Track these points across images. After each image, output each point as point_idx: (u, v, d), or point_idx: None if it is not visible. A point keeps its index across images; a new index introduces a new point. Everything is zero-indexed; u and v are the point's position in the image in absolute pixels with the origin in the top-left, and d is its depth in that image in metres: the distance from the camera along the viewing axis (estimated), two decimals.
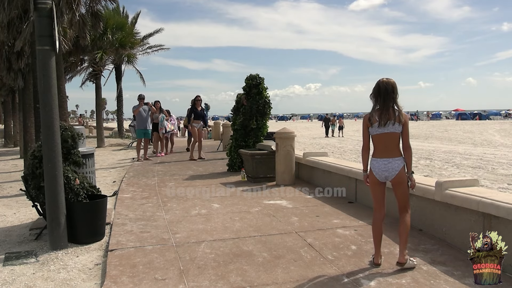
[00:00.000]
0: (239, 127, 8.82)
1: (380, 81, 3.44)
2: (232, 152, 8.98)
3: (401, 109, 3.42)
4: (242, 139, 8.78)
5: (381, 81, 3.43)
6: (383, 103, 3.39)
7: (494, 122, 49.78)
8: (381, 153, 3.43)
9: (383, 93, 3.39)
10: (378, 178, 3.46)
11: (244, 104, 8.84)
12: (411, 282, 3.22)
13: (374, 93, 3.44)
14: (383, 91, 3.39)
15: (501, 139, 23.84)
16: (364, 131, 3.52)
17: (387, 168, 3.41)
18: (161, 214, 5.41)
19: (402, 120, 3.39)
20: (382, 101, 3.39)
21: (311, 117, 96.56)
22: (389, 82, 3.41)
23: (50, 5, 4.16)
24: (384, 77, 3.47)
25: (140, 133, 11.79)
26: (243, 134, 8.78)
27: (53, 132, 4.21)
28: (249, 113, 8.68)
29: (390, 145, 3.41)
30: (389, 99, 3.38)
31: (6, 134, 24.22)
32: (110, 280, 3.35)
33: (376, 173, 3.45)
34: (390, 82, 3.41)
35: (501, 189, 8.67)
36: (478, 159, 14.22)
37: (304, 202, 5.98)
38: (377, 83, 3.44)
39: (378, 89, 3.41)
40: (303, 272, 3.45)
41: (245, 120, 8.74)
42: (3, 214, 5.88)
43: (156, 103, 12.84)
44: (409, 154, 3.46)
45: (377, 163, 3.44)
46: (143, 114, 11.63)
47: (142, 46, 26.28)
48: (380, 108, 3.40)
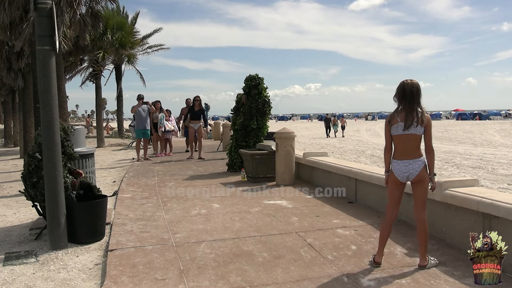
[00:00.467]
0: (240, 127, 8.78)
1: (404, 82, 3.43)
2: (232, 152, 8.95)
3: (424, 111, 3.42)
4: (243, 139, 8.75)
5: (406, 83, 3.42)
6: (408, 104, 3.37)
7: (494, 122, 49.79)
8: (402, 155, 3.43)
9: (408, 95, 3.37)
10: (400, 179, 3.47)
11: (244, 103, 8.81)
12: (411, 282, 3.22)
13: (399, 95, 3.43)
14: (408, 93, 3.38)
15: (501, 139, 23.84)
16: (386, 132, 3.50)
17: (408, 169, 3.41)
18: (161, 214, 5.41)
19: (425, 121, 3.37)
20: (407, 103, 3.37)
21: (311, 117, 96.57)
22: (414, 84, 3.40)
23: (50, 5, 4.16)
24: (408, 79, 3.47)
25: (139, 133, 11.72)
26: (244, 134, 8.75)
27: (53, 132, 4.21)
28: (249, 113, 8.65)
29: (411, 147, 3.40)
30: (414, 101, 3.37)
31: (6, 134, 24.22)
32: (110, 280, 3.35)
33: (397, 174, 3.46)
34: (414, 84, 3.40)
35: (501, 189, 8.68)
36: (478, 159, 14.22)
37: (304, 202, 5.98)
38: (402, 85, 3.43)
39: (403, 90, 3.40)
40: (303, 272, 3.45)
41: (246, 120, 8.71)
42: (3, 214, 5.88)
43: (156, 103, 12.76)
44: (431, 156, 3.45)
45: (398, 165, 3.44)
46: (142, 114, 11.54)
47: (142, 46, 26.31)
48: (404, 109, 3.38)
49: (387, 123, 3.47)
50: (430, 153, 3.44)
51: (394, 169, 3.47)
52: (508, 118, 61.44)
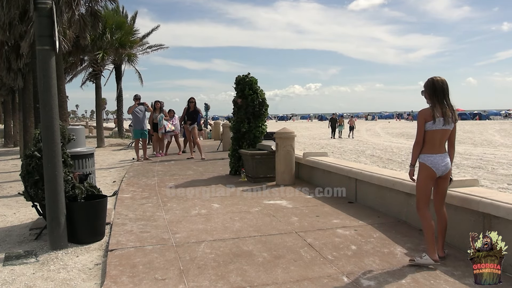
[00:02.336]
0: (234, 130, 8.64)
1: (435, 79, 3.50)
2: (230, 157, 8.79)
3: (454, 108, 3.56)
4: (236, 142, 8.55)
5: (436, 80, 3.50)
6: (444, 100, 3.48)
7: (494, 122, 49.79)
8: (438, 149, 3.54)
9: (444, 91, 3.48)
10: (438, 172, 3.54)
11: (239, 103, 8.55)
12: (411, 282, 3.22)
13: (431, 91, 3.50)
14: (443, 89, 3.48)
15: (501, 139, 23.84)
16: (421, 126, 3.54)
17: (445, 162, 3.55)
18: (161, 214, 5.41)
19: (457, 118, 3.58)
20: (444, 98, 3.48)
21: (311, 117, 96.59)
22: (444, 81, 3.51)
23: (50, 5, 4.16)
24: (436, 76, 3.55)
25: (137, 134, 11.61)
26: (237, 137, 8.54)
27: (53, 132, 4.21)
28: (242, 116, 8.40)
29: (444, 141, 3.57)
30: (449, 97, 3.51)
31: (6, 134, 24.22)
32: (110, 280, 3.35)
33: (436, 168, 3.52)
34: (445, 81, 3.51)
35: (501, 189, 8.68)
36: (478, 159, 14.22)
37: (304, 202, 5.98)
38: (433, 82, 3.50)
39: (434, 87, 3.48)
40: (303, 272, 3.45)
41: (237, 123, 8.51)
42: (3, 214, 5.88)
43: (156, 103, 12.61)
44: (453, 151, 3.69)
45: (436, 159, 3.52)
46: (138, 115, 11.40)
47: (141, 46, 26.31)
48: (442, 105, 3.46)
49: (429, 117, 3.47)
50: (453, 148, 3.68)
51: (432, 163, 3.52)
52: (508, 118, 61.44)
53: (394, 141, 24.37)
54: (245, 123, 8.41)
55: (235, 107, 8.68)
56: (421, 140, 3.57)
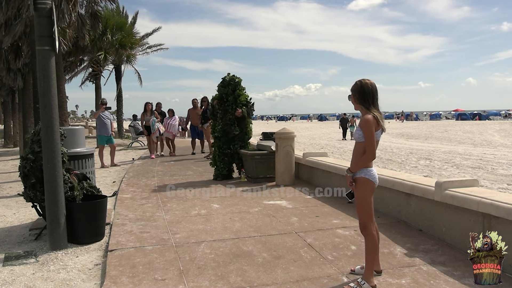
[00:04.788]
0: (221, 134, 8.09)
1: (363, 82, 3.14)
2: (217, 162, 8.14)
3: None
4: (227, 146, 8.07)
5: (365, 82, 3.14)
6: (377, 105, 3.14)
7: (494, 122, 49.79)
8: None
9: (376, 94, 3.14)
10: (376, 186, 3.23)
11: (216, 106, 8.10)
12: (411, 282, 3.22)
13: (365, 94, 3.12)
14: (375, 92, 3.14)
15: (501, 140, 23.84)
16: (374, 135, 3.07)
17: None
18: (161, 214, 5.41)
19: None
20: (376, 104, 3.13)
21: (311, 117, 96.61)
22: (374, 84, 3.17)
23: (50, 5, 4.16)
24: (364, 78, 3.19)
25: (102, 140, 11.05)
26: (227, 140, 8.07)
27: (53, 132, 4.21)
28: (232, 118, 7.98)
29: None
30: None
31: (6, 134, 24.23)
32: (110, 280, 3.35)
33: (376, 182, 3.19)
34: (374, 84, 3.17)
35: (501, 189, 8.67)
36: (478, 159, 14.22)
37: (304, 202, 5.98)
38: (363, 84, 3.13)
39: (369, 89, 3.11)
40: (303, 272, 3.45)
41: (226, 126, 8.02)
42: (3, 214, 5.88)
43: (147, 105, 12.14)
44: None
45: (375, 172, 3.20)
46: (104, 120, 10.91)
47: (141, 46, 26.35)
48: (378, 112, 3.11)
49: (373, 127, 3.05)
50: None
51: (374, 177, 3.16)
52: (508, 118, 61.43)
53: (394, 141, 24.38)
54: (235, 125, 8.01)
55: (219, 109, 8.11)
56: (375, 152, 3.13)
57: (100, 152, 11.00)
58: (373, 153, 3.08)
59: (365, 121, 3.05)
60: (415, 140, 25.30)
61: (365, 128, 3.04)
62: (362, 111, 3.13)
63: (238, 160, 8.20)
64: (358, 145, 3.15)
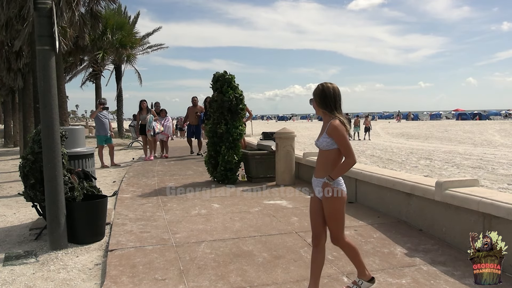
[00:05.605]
0: (210, 134, 7.75)
1: (325, 85, 2.92)
2: (207, 164, 7.92)
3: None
4: (213, 148, 7.67)
5: (327, 86, 2.92)
6: (340, 109, 2.92)
7: (494, 122, 49.78)
8: None
9: (338, 98, 2.92)
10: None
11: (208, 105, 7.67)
12: (411, 282, 3.22)
13: (327, 98, 2.89)
14: (337, 96, 2.91)
15: (501, 139, 23.83)
16: (348, 139, 2.87)
17: None
18: (161, 214, 5.41)
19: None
20: (340, 107, 2.92)
21: (311, 117, 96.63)
22: (337, 88, 2.95)
23: (50, 5, 4.16)
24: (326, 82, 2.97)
25: (101, 140, 10.95)
26: (214, 142, 7.65)
27: (53, 132, 4.21)
28: (219, 116, 7.57)
29: None
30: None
31: (6, 134, 24.22)
32: (110, 280, 3.35)
33: (345, 191, 3.01)
34: (337, 88, 2.95)
35: (501, 189, 8.67)
36: (478, 159, 14.22)
37: (304, 202, 5.98)
38: (325, 88, 2.90)
39: (331, 93, 2.89)
40: (303, 272, 3.45)
41: (213, 125, 7.68)
42: (3, 214, 5.88)
43: (142, 103, 11.60)
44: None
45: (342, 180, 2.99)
46: (102, 120, 10.82)
47: (142, 46, 26.36)
48: (341, 115, 2.91)
49: (345, 132, 2.86)
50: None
51: (345, 187, 3.00)
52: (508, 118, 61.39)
53: (394, 141, 24.38)
54: (222, 124, 7.57)
55: (211, 108, 7.85)
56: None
57: (100, 152, 10.98)
58: (354, 157, 2.86)
59: (333, 127, 2.83)
60: (415, 140, 25.30)
61: (337, 134, 2.83)
62: (325, 116, 2.94)
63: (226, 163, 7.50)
64: (327, 154, 2.91)
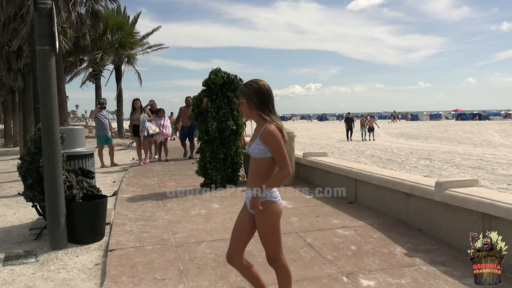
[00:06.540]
0: (216, 134, 6.90)
1: (260, 83, 2.52)
2: (209, 169, 6.97)
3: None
4: (220, 149, 7.00)
5: (263, 83, 2.53)
6: (275, 112, 2.53)
7: (494, 123, 49.78)
8: None
9: (273, 99, 2.55)
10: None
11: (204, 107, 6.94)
12: (411, 282, 3.22)
13: (264, 98, 2.49)
14: (272, 96, 2.54)
15: (500, 140, 23.84)
16: (283, 146, 2.46)
17: None
18: (161, 214, 5.41)
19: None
20: (274, 109, 2.53)
21: (311, 117, 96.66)
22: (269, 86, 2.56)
23: (50, 5, 4.16)
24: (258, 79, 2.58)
25: (101, 140, 10.84)
26: (220, 143, 7.01)
27: (53, 132, 4.21)
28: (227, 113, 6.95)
29: None
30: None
31: (6, 134, 24.22)
32: (110, 280, 3.35)
33: (281, 203, 2.66)
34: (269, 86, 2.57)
35: (501, 189, 8.68)
36: (478, 159, 14.22)
37: (304, 202, 5.98)
38: (261, 85, 2.51)
39: (268, 92, 2.51)
40: (303, 272, 3.45)
41: (220, 124, 6.91)
42: (3, 214, 5.88)
43: (135, 102, 10.64)
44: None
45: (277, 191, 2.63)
46: (102, 120, 10.71)
47: (142, 46, 26.36)
48: (278, 119, 2.51)
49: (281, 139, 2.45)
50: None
51: (280, 199, 2.65)
52: (507, 118, 61.41)
53: (394, 141, 24.38)
54: (230, 120, 6.93)
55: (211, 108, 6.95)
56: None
57: (100, 152, 10.93)
58: (289, 168, 2.46)
59: (269, 133, 2.42)
60: (415, 140, 25.30)
61: (272, 140, 2.42)
62: (259, 120, 2.51)
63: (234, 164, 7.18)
64: (259, 162, 2.51)
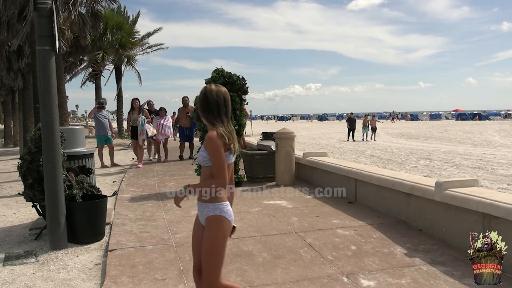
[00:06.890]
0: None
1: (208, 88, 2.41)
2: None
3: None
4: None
5: (210, 89, 2.41)
6: (225, 119, 2.40)
7: (494, 123, 49.78)
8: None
9: (223, 105, 2.39)
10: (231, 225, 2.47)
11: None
12: (411, 282, 3.22)
13: (209, 104, 2.37)
14: (221, 102, 2.39)
15: (500, 140, 23.84)
16: (222, 155, 2.32)
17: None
18: (161, 214, 5.41)
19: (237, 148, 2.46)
20: (225, 116, 2.40)
21: (311, 117, 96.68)
22: (222, 91, 2.42)
23: (50, 5, 4.17)
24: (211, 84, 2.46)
25: (101, 140, 10.79)
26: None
27: (53, 132, 4.21)
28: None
29: None
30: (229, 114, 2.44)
31: (6, 134, 24.21)
32: (110, 280, 3.35)
33: (232, 220, 2.46)
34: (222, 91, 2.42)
35: (501, 189, 8.67)
36: (478, 159, 14.22)
37: (304, 202, 5.98)
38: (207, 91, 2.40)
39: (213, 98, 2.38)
40: (303, 272, 3.46)
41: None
42: (3, 214, 5.88)
43: (134, 102, 10.37)
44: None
45: (230, 207, 2.49)
46: (101, 120, 10.66)
47: (142, 46, 26.37)
48: (225, 126, 2.37)
49: (222, 147, 2.31)
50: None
51: (230, 214, 2.45)
52: (507, 118, 61.41)
53: (394, 141, 24.38)
54: (233, 120, 6.82)
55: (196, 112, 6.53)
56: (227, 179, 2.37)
57: (100, 152, 10.88)
58: (224, 179, 2.33)
59: (207, 139, 2.33)
60: (415, 140, 25.30)
61: (210, 148, 2.31)
62: (208, 126, 2.42)
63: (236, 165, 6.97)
64: (205, 170, 2.45)
